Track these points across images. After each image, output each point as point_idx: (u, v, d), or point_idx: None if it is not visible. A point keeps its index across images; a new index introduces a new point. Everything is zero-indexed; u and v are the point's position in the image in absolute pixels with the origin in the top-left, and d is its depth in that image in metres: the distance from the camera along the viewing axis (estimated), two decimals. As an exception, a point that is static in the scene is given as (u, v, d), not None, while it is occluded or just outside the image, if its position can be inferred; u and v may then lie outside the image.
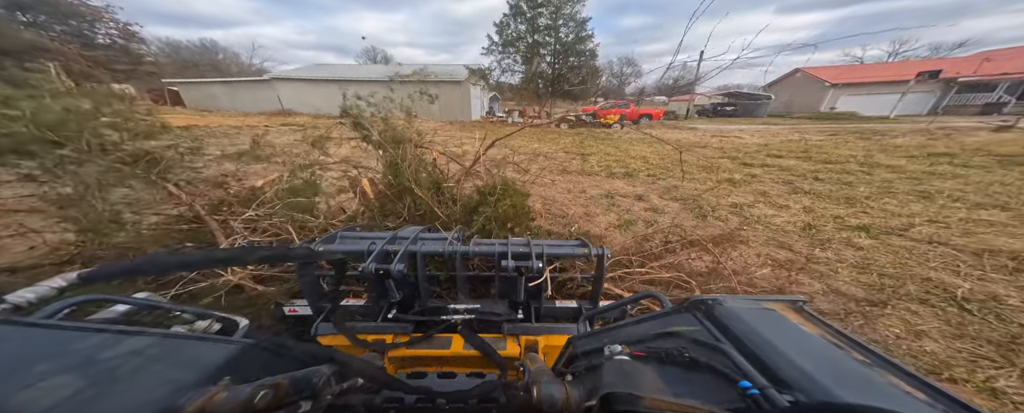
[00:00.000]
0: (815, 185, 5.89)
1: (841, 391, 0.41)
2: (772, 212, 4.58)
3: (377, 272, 1.33)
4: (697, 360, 0.56)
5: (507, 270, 1.35)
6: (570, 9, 22.56)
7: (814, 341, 0.56)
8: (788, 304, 0.71)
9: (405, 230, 1.66)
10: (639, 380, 0.56)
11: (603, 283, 1.57)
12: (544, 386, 0.67)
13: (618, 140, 12.70)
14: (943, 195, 5.15)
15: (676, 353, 0.60)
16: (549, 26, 23.06)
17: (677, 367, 0.59)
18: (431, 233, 1.69)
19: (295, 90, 22.55)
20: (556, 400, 0.65)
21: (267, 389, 0.54)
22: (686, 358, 0.58)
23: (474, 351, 1.31)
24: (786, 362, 0.49)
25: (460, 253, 1.47)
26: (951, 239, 3.51)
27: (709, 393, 0.51)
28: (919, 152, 8.48)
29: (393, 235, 1.52)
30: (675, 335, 0.67)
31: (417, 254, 1.45)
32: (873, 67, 36.98)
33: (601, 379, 0.60)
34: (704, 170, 7.20)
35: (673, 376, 0.58)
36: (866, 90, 29.02)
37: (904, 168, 6.99)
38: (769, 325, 0.60)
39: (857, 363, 0.50)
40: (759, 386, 0.46)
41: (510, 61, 24.40)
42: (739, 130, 17.13)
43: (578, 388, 0.67)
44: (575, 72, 24.46)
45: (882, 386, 0.44)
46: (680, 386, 0.55)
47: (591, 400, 0.60)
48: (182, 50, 53.13)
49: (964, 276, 2.77)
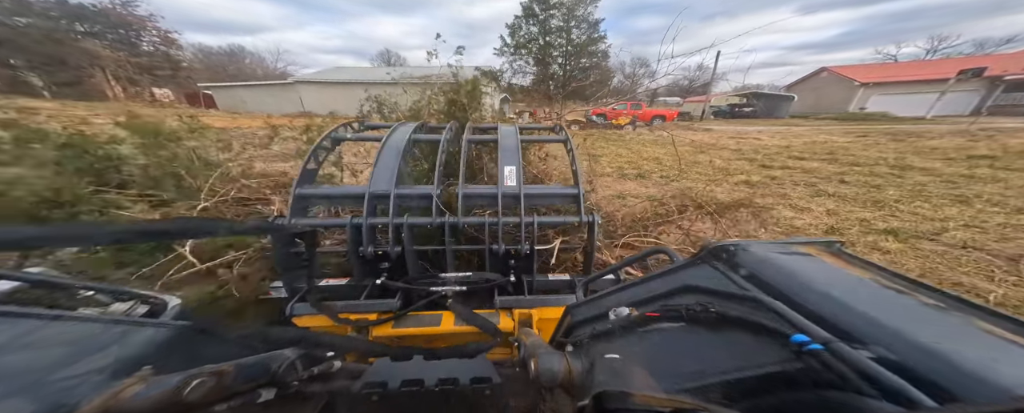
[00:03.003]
0: (840, 188, 5.67)
1: (931, 342, 0.33)
2: (792, 214, 4.48)
3: (375, 254, 1.32)
4: (726, 315, 0.48)
5: (498, 235, 1.33)
6: (583, 11, 22.55)
7: (869, 286, 0.46)
8: (822, 247, 0.60)
9: (381, 169, 1.53)
10: (630, 378, 0.51)
11: (595, 251, 1.55)
12: (542, 359, 0.61)
13: (630, 141, 12.57)
14: (981, 199, 4.86)
15: (698, 310, 0.51)
16: (561, 28, 23.09)
17: (701, 326, 0.51)
18: (411, 189, 1.55)
19: (315, 93, 23.59)
20: (556, 373, 0.59)
21: (204, 378, 0.47)
22: (712, 314, 0.49)
23: (466, 328, 1.22)
24: (846, 310, 0.39)
25: (449, 224, 1.42)
26: (987, 244, 3.35)
27: (748, 354, 0.43)
28: (957, 154, 7.97)
29: (368, 194, 1.41)
30: (694, 290, 0.58)
31: (403, 226, 1.38)
32: (908, 65, 34.79)
33: (593, 378, 0.53)
34: (720, 171, 7.06)
35: (697, 338, 0.50)
36: (900, 89, 27.33)
37: (939, 171, 6.60)
38: (810, 270, 0.49)
39: (932, 308, 0.40)
40: (821, 340, 0.36)
41: (522, 62, 24.57)
42: (758, 131, 16.52)
43: (580, 359, 0.61)
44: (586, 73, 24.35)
45: (974, 333, 0.36)
46: (708, 349, 0.47)
47: (593, 374, 0.54)
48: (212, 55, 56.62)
49: (998, 281, 2.66)
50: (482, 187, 1.72)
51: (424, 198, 1.52)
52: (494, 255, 1.47)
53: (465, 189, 1.54)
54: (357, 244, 1.41)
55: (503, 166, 1.69)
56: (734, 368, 0.44)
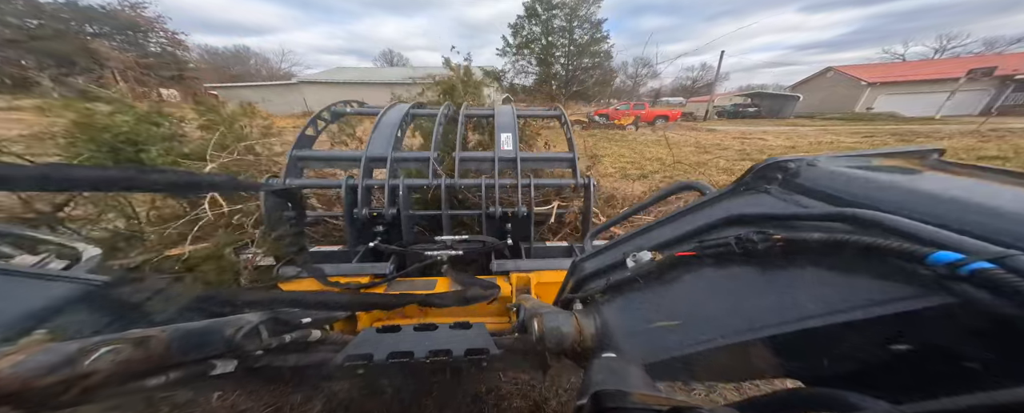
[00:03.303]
0: (845, 188, 5.59)
1: None
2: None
3: (371, 215, 1.27)
4: (803, 243, 0.35)
5: (495, 197, 1.30)
6: (586, 11, 22.53)
7: (1007, 191, 0.33)
8: (915, 158, 0.47)
9: (385, 118, 1.51)
10: (628, 377, 0.46)
11: (592, 213, 1.55)
12: (548, 318, 0.53)
13: (632, 142, 12.56)
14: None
15: (757, 240, 0.38)
16: (564, 28, 23.08)
17: (757, 263, 0.39)
18: (408, 153, 1.52)
19: (319, 93, 23.79)
20: (564, 334, 0.51)
21: (116, 346, 0.37)
22: (777, 245, 0.36)
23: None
24: (1001, 217, 0.28)
25: (445, 186, 1.38)
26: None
27: (847, 291, 0.31)
28: (967, 155, 7.85)
29: (365, 156, 1.36)
30: (744, 220, 0.44)
31: (400, 187, 1.35)
32: (917, 64, 34.34)
33: (591, 377, 0.48)
34: (724, 172, 7.01)
35: (753, 278, 0.38)
36: (908, 89, 26.94)
37: (948, 172, 6.48)
38: (917, 181, 0.37)
39: None
40: (991, 254, 0.24)
41: (524, 63, 24.60)
42: (763, 131, 16.41)
43: (592, 318, 0.53)
44: (589, 73, 24.32)
45: None
46: (772, 290, 0.35)
47: (609, 334, 0.47)
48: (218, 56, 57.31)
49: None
50: (479, 153, 1.75)
51: (421, 162, 1.51)
52: (491, 219, 1.44)
53: (462, 154, 1.55)
54: (352, 206, 1.38)
55: (500, 133, 1.69)
56: (822, 311, 0.32)
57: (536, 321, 0.53)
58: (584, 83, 23.99)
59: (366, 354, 0.77)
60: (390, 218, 1.37)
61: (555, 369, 0.90)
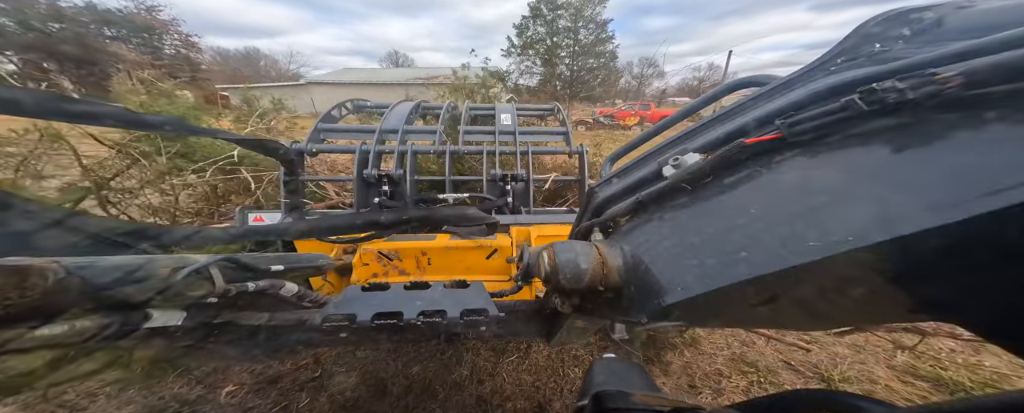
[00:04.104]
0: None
1: None
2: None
3: (378, 177, 1.33)
4: (1006, 67, 0.22)
5: (495, 161, 1.33)
6: (591, 11, 22.47)
7: None
8: None
9: (394, 111, 1.75)
10: (630, 378, 0.42)
11: (586, 182, 1.62)
12: (560, 249, 0.42)
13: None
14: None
15: (906, 86, 0.25)
16: (569, 28, 23.07)
17: (887, 134, 0.27)
18: (418, 127, 1.74)
19: (326, 93, 24.21)
20: (581, 270, 0.39)
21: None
22: (945, 86, 0.24)
23: (461, 242, 1.15)
24: None
25: (449, 151, 1.49)
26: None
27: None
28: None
29: (380, 128, 1.52)
30: (858, 83, 0.30)
31: (408, 153, 1.44)
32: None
33: (592, 377, 0.43)
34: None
35: (875, 158, 0.27)
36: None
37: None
38: None
39: None
40: None
41: (529, 63, 24.64)
42: (770, 132, 16.04)
43: (617, 247, 0.42)
44: (594, 74, 24.26)
45: None
46: (926, 166, 0.24)
47: (639, 270, 0.37)
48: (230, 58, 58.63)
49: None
50: (481, 127, 1.91)
51: (429, 134, 1.68)
52: (492, 182, 1.49)
53: (466, 127, 1.76)
54: (363, 167, 1.46)
55: (500, 114, 1.92)
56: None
57: (545, 254, 0.43)
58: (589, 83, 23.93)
59: (349, 314, 0.65)
60: (397, 178, 1.44)
61: (562, 338, 0.78)
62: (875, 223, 0.24)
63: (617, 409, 0.42)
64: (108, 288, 0.37)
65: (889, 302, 0.27)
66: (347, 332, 0.67)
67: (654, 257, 0.39)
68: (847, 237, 0.25)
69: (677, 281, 0.35)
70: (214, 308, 0.53)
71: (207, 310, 0.50)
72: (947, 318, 0.27)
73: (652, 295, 0.36)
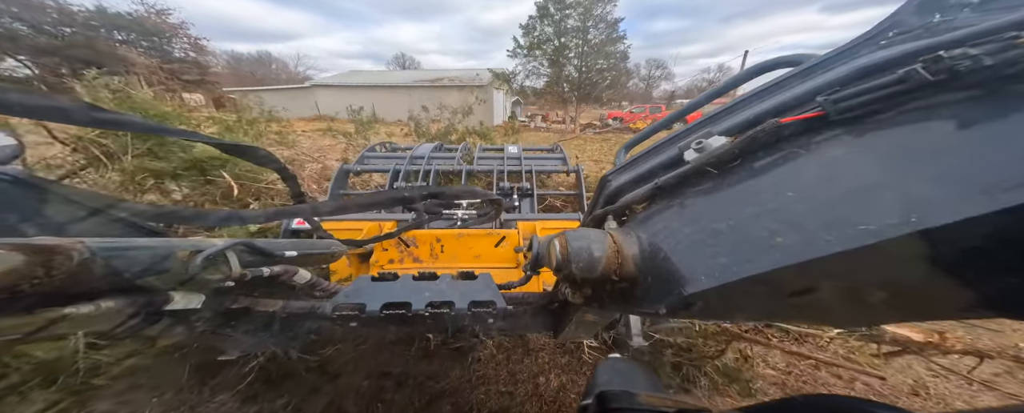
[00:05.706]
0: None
1: None
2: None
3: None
4: None
5: (503, 176, 1.94)
6: (601, 10, 21.83)
7: None
8: None
9: (420, 148, 2.57)
10: (635, 378, 0.45)
11: (585, 197, 2.02)
12: (572, 237, 0.42)
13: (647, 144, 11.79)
14: None
15: (980, 52, 0.22)
16: (578, 28, 22.47)
17: (951, 109, 0.24)
18: (440, 151, 2.47)
19: (331, 96, 24.09)
20: (595, 258, 0.39)
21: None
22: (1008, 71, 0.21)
23: (472, 231, 1.33)
24: None
25: (465, 170, 2.19)
26: None
27: None
28: None
29: (411, 155, 2.27)
30: (924, 52, 0.26)
31: (431, 171, 2.13)
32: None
33: (596, 377, 0.47)
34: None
35: (938, 134, 0.24)
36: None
37: None
38: None
39: None
40: None
41: (535, 64, 24.12)
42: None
43: (633, 235, 0.41)
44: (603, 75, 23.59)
45: None
46: (996, 144, 0.21)
47: (656, 258, 0.36)
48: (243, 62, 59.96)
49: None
50: (492, 155, 2.69)
51: (449, 158, 2.45)
52: (501, 193, 1.95)
53: (479, 153, 2.65)
54: (394, 181, 2.12)
55: (508, 148, 2.89)
56: None
57: (557, 241, 0.42)
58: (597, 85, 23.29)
59: (358, 304, 0.72)
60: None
61: (570, 332, 0.80)
62: (940, 204, 0.22)
63: (621, 409, 0.41)
64: (132, 269, 0.40)
65: (944, 295, 0.24)
66: (357, 321, 0.72)
67: (674, 245, 0.37)
68: (908, 219, 0.23)
69: (700, 270, 0.33)
70: (231, 293, 0.57)
71: (224, 295, 0.53)
72: (1011, 315, 0.24)
73: (672, 285, 0.35)
